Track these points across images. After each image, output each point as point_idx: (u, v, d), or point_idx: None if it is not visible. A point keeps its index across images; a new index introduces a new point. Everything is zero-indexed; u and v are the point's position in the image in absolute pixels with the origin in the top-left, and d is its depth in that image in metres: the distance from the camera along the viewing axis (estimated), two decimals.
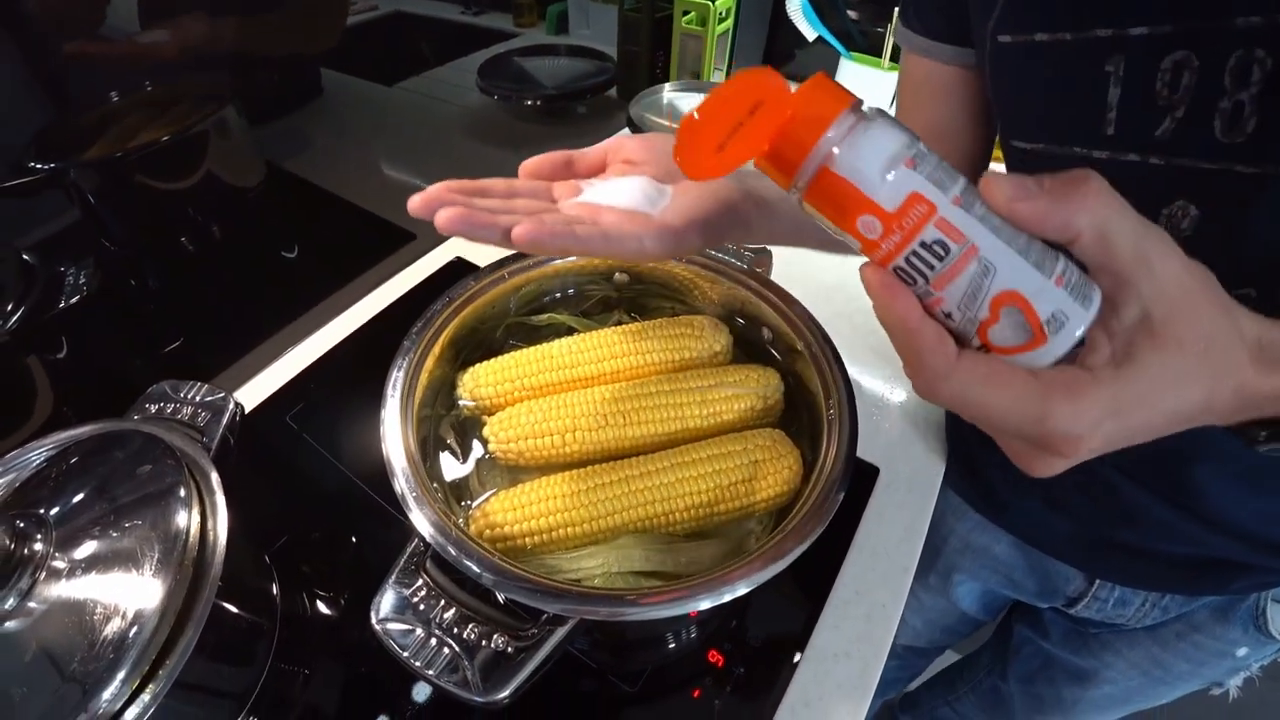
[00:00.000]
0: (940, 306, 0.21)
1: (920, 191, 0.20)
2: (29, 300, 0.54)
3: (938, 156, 0.21)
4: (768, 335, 0.46)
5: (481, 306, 0.43)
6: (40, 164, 0.65)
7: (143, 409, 0.43)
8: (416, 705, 0.40)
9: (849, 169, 0.20)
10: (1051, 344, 0.20)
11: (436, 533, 0.30)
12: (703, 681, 0.43)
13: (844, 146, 0.21)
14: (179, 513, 0.34)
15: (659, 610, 0.28)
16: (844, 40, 1.02)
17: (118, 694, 0.29)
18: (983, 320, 0.20)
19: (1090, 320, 0.20)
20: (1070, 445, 0.20)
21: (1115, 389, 0.20)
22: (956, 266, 0.20)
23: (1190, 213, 0.32)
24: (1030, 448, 0.22)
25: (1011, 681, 0.71)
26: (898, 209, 0.20)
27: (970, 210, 0.20)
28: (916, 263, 0.20)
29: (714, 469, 0.37)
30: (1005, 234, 0.20)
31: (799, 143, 0.21)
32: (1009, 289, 0.20)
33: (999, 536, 0.58)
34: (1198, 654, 0.53)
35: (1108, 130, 0.33)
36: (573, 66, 1.10)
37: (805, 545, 0.31)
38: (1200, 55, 0.29)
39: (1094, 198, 0.20)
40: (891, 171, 0.20)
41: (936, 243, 0.20)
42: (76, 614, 0.31)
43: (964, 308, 0.20)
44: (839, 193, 0.21)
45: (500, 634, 0.29)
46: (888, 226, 0.20)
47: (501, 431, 0.38)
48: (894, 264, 0.21)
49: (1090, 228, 0.20)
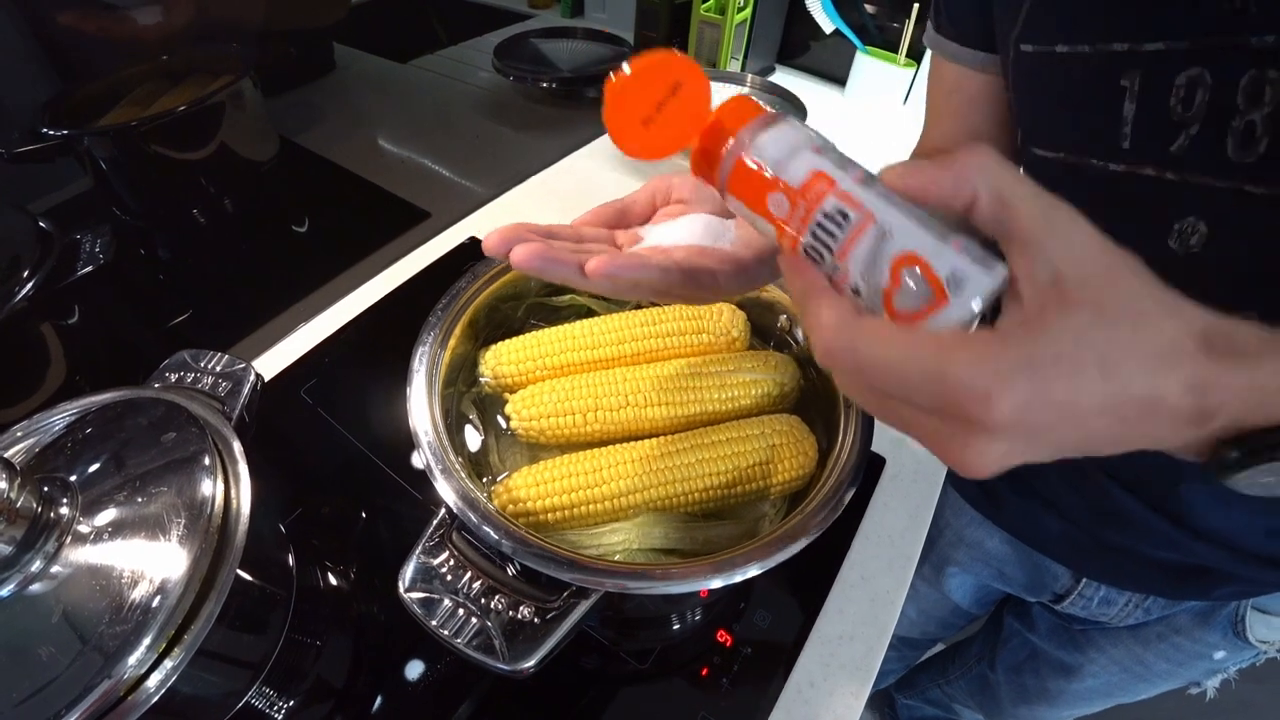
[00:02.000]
0: (847, 281, 0.22)
1: (822, 169, 0.22)
2: (45, 267, 0.53)
3: (842, 153, 0.23)
4: (784, 322, 0.46)
5: (505, 285, 0.43)
6: (53, 130, 0.65)
7: (163, 377, 0.43)
8: (426, 679, 0.41)
9: (760, 156, 0.23)
10: (953, 304, 0.20)
11: (462, 503, 0.30)
12: (711, 660, 0.43)
13: (758, 138, 0.23)
14: (204, 481, 0.34)
15: (682, 585, 0.28)
16: (860, 34, 1.02)
17: (143, 659, 0.29)
18: (884, 288, 0.21)
19: (992, 285, 0.19)
20: (979, 403, 0.18)
21: (1026, 344, 0.18)
22: (856, 232, 0.21)
23: (1200, 229, 0.32)
24: (944, 425, 0.19)
25: (999, 670, 0.73)
26: (801, 185, 0.22)
27: (870, 187, 0.21)
28: (821, 235, 0.22)
29: (733, 451, 0.37)
30: (902, 205, 0.21)
31: (720, 137, 0.24)
32: (907, 250, 0.20)
33: (992, 532, 0.60)
34: (1177, 655, 0.55)
35: (1123, 144, 0.33)
36: (589, 50, 1.09)
37: (819, 532, 0.32)
38: (1213, 73, 0.29)
39: (983, 158, 0.20)
40: (797, 155, 0.22)
41: (837, 211, 0.21)
42: (102, 579, 0.31)
43: (867, 277, 0.21)
44: (753, 178, 0.23)
45: (527, 605, 0.29)
46: (793, 201, 0.22)
47: (524, 409, 0.39)
48: (802, 244, 0.22)
49: (986, 188, 0.20)
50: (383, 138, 0.95)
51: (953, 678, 0.84)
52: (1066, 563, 0.55)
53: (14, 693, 0.27)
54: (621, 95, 0.23)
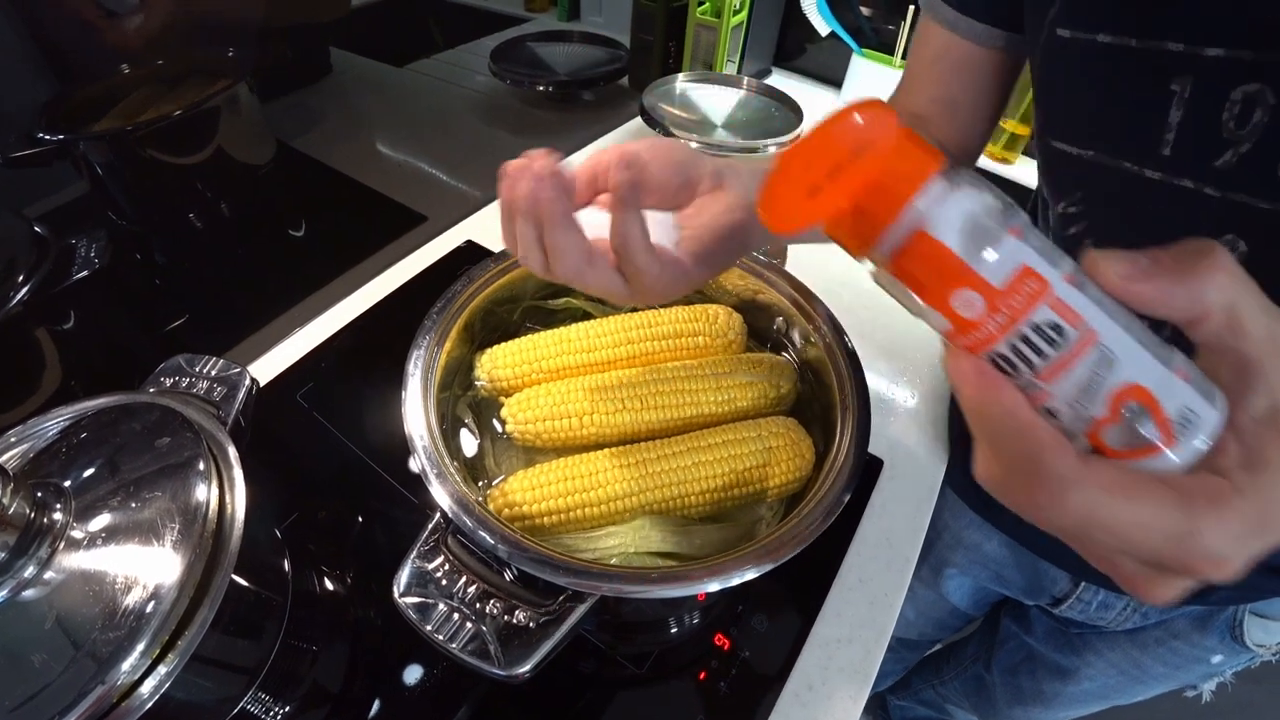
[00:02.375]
0: (1046, 401, 0.18)
1: (1032, 266, 0.17)
2: (40, 272, 0.53)
3: (1034, 228, 0.18)
4: (781, 325, 0.46)
5: (500, 288, 0.43)
6: (49, 134, 0.65)
7: (157, 382, 0.43)
8: (422, 684, 0.41)
9: (951, 235, 0.17)
10: (1180, 448, 0.17)
11: (457, 507, 0.30)
12: (708, 664, 0.43)
13: (946, 208, 0.17)
14: (198, 486, 0.34)
15: (679, 589, 0.28)
16: (856, 36, 1.02)
17: (136, 665, 0.29)
18: (1098, 418, 0.18)
19: (1221, 421, 0.17)
20: (1215, 568, 0.17)
21: (1257, 499, 0.17)
22: (1072, 354, 0.17)
23: (1239, 248, 0.30)
24: (1151, 570, 0.18)
25: (995, 672, 0.73)
26: (1006, 284, 0.17)
27: (1084, 289, 0.17)
28: (1023, 349, 0.17)
29: (730, 454, 0.37)
30: (1122, 318, 0.17)
31: (890, 200, 0.18)
32: (1133, 382, 0.17)
33: (991, 534, 0.60)
34: (1174, 658, 0.55)
35: (1164, 150, 0.31)
36: (585, 54, 1.10)
37: (817, 535, 0.32)
38: (1277, 93, 0.27)
39: (1223, 272, 0.17)
40: (1000, 241, 0.17)
41: (1050, 325, 0.17)
42: (95, 584, 0.31)
43: (1076, 403, 0.18)
44: (935, 262, 0.18)
45: (522, 609, 0.29)
46: (992, 304, 0.17)
47: (520, 412, 0.39)
48: (990, 350, 0.18)
49: (1220, 306, 0.17)
50: (380, 141, 0.95)
51: (947, 678, 0.84)
52: (1066, 566, 0.54)
53: (6, 700, 0.27)
54: (795, 162, 0.19)
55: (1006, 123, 0.94)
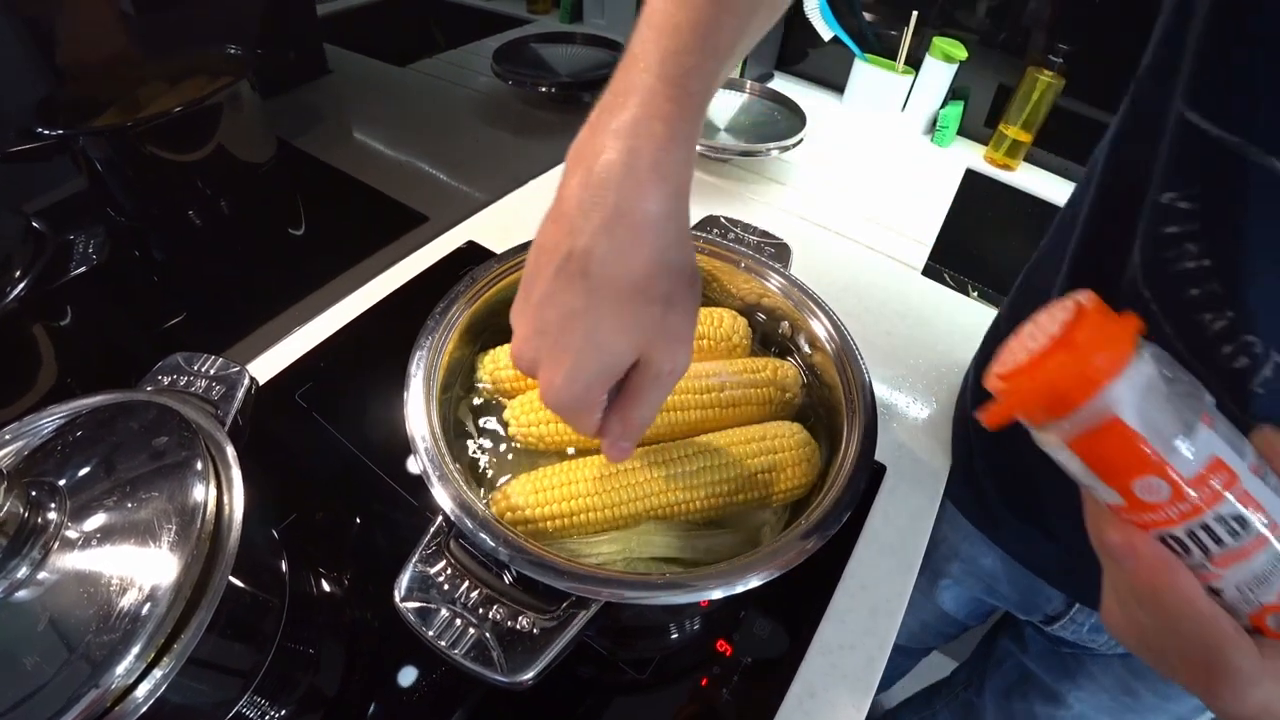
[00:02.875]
0: (1213, 582, 0.18)
1: (1222, 457, 0.17)
2: (37, 268, 0.53)
3: (1221, 414, 0.18)
4: (786, 330, 0.46)
5: (503, 289, 0.43)
6: (48, 130, 0.64)
7: (155, 380, 0.42)
8: (420, 688, 0.40)
9: (1145, 423, 0.17)
10: None
11: (460, 510, 0.30)
12: (711, 670, 0.43)
13: (1142, 396, 0.17)
14: (195, 486, 0.34)
15: (683, 595, 0.28)
16: (859, 41, 1.02)
17: (131, 669, 0.29)
18: (1267, 605, 0.17)
19: None
20: None
21: None
22: (1252, 546, 0.17)
23: None
24: None
25: (987, 696, 0.73)
26: (1196, 476, 0.17)
27: (1265, 478, 0.17)
28: (1201, 536, 0.17)
29: (735, 459, 0.37)
30: None
31: (1085, 383, 0.17)
32: None
33: (988, 550, 0.59)
34: (1167, 688, 0.54)
35: None
36: (588, 55, 1.10)
37: (821, 542, 0.31)
38: None
39: None
40: (1194, 431, 0.17)
41: (1234, 517, 0.17)
42: (90, 586, 0.31)
43: (1246, 589, 0.17)
44: (1124, 448, 0.17)
45: (525, 615, 0.29)
46: (1178, 493, 0.17)
47: (523, 415, 0.38)
48: (1164, 532, 0.18)
49: None
50: (381, 141, 0.94)
51: (938, 708, 0.84)
52: (1061, 587, 0.54)
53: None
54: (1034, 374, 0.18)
55: (1008, 129, 0.94)
